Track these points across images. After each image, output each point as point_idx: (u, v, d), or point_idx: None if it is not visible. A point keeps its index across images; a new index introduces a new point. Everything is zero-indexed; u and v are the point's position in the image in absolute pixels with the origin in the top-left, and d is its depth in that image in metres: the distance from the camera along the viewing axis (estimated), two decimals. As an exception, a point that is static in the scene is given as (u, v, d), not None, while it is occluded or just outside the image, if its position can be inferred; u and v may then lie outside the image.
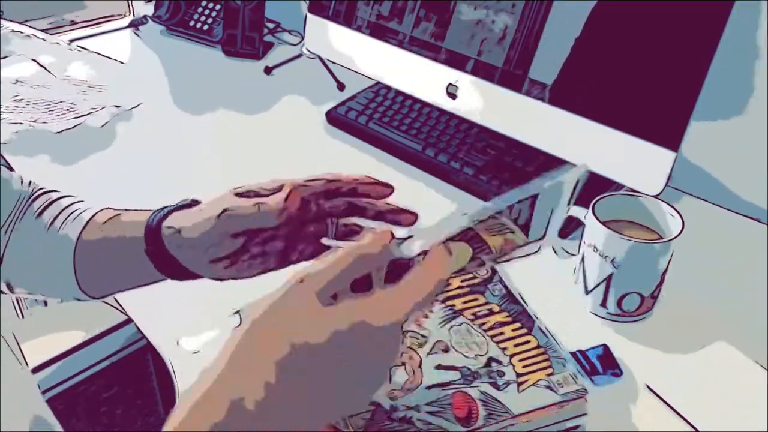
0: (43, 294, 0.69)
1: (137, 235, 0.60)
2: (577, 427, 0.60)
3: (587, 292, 0.75)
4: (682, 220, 0.71)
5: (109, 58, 1.31)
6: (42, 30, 1.37)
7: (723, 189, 0.93)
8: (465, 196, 0.93)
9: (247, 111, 1.16)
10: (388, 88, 1.11)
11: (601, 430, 0.62)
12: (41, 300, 0.80)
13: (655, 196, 0.76)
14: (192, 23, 1.40)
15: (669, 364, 0.70)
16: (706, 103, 0.75)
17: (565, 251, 0.79)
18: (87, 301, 0.67)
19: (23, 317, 0.79)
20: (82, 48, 1.33)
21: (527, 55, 0.89)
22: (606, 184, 0.86)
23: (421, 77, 1.01)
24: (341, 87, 1.21)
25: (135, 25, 1.45)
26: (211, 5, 1.40)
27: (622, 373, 0.68)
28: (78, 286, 0.64)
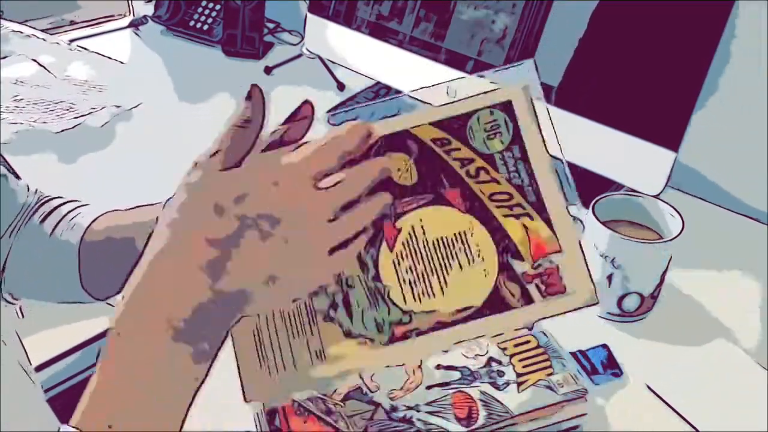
0: (47, 299, 0.70)
1: (145, 235, 0.60)
2: (577, 427, 0.60)
3: (587, 292, 0.75)
4: (682, 220, 0.71)
5: (109, 58, 1.31)
6: (42, 30, 1.37)
7: (723, 189, 0.93)
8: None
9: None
10: (388, 88, 1.11)
11: (601, 430, 0.62)
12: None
13: (655, 196, 0.76)
14: (192, 23, 1.39)
15: (669, 364, 0.70)
16: (706, 104, 0.75)
17: (565, 251, 0.79)
18: (90, 303, 0.67)
19: (23, 317, 0.79)
20: (82, 48, 1.33)
21: (527, 55, 0.89)
22: (606, 184, 0.86)
23: (421, 77, 1.01)
24: (341, 87, 1.21)
25: (135, 25, 1.45)
26: (211, 5, 1.40)
27: (622, 373, 0.68)
28: (83, 288, 0.64)
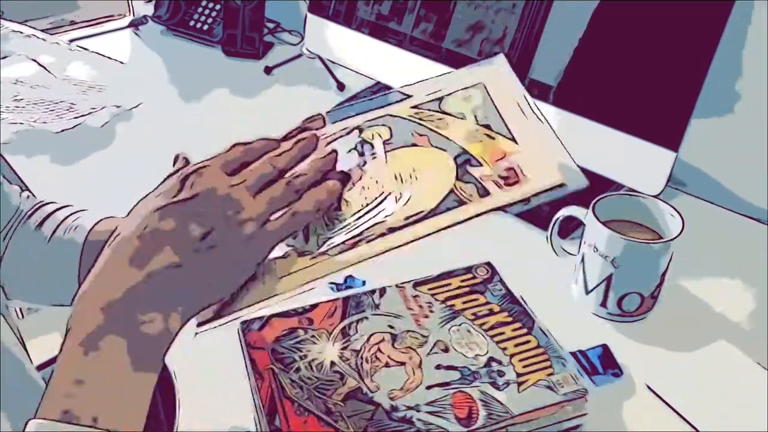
0: (43, 302, 0.70)
1: None
2: (577, 427, 0.60)
3: (587, 292, 0.75)
4: (682, 220, 0.71)
5: (109, 58, 1.31)
6: (42, 30, 1.37)
7: (723, 189, 0.93)
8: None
9: (247, 111, 1.16)
10: (388, 88, 1.10)
11: (601, 430, 0.62)
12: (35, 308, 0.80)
13: (655, 196, 0.76)
14: (192, 23, 1.39)
15: (669, 364, 0.70)
16: (706, 103, 0.75)
17: (565, 251, 0.79)
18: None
19: (23, 317, 0.79)
20: (82, 48, 1.33)
21: (527, 55, 0.89)
22: (606, 184, 0.86)
23: (421, 77, 1.01)
24: (341, 87, 1.21)
25: (135, 25, 1.45)
26: (211, 5, 1.40)
27: (622, 373, 0.68)
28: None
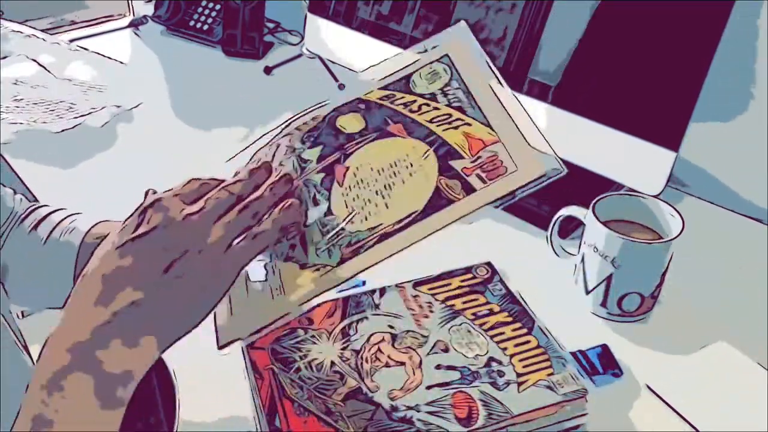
0: (38, 305, 0.69)
1: None
2: (577, 427, 0.60)
3: (587, 292, 0.75)
4: (682, 220, 0.71)
5: (109, 58, 1.31)
6: (42, 30, 1.37)
7: (723, 189, 0.93)
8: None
9: (247, 111, 1.16)
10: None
11: (601, 430, 0.62)
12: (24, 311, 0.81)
13: (655, 196, 0.76)
14: (192, 23, 1.39)
15: (669, 364, 0.70)
16: (706, 103, 0.75)
17: (565, 251, 0.79)
18: None
19: (23, 317, 0.79)
20: (82, 48, 1.33)
21: (527, 55, 0.89)
22: (606, 184, 0.86)
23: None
24: (341, 87, 1.21)
25: (135, 25, 1.45)
26: (211, 5, 1.40)
27: (622, 373, 0.68)
28: None
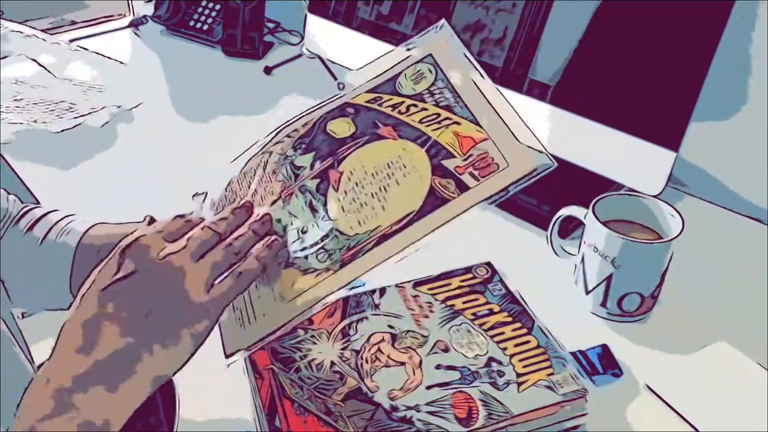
0: (32, 306, 0.69)
1: None
2: (577, 427, 0.60)
3: (587, 292, 0.75)
4: (682, 220, 0.71)
5: (109, 58, 1.31)
6: (42, 30, 1.37)
7: (723, 189, 0.93)
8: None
9: (247, 111, 1.16)
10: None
11: (601, 430, 0.62)
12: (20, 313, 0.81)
13: (655, 196, 0.76)
14: (192, 23, 1.39)
15: (669, 364, 0.70)
16: (706, 103, 0.75)
17: (565, 251, 0.79)
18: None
19: (23, 317, 0.79)
20: (82, 48, 1.33)
21: (527, 55, 0.89)
22: (606, 184, 0.86)
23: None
24: (341, 87, 1.21)
25: (135, 25, 1.45)
26: (211, 5, 1.40)
27: (622, 373, 0.68)
28: (71, 294, 0.64)
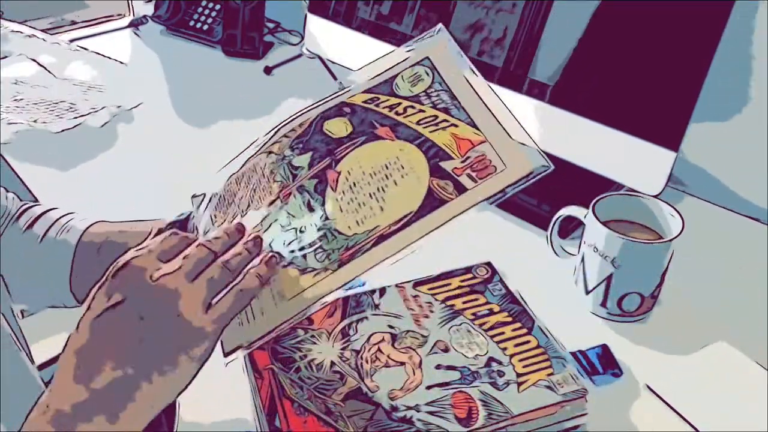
0: (30, 304, 0.70)
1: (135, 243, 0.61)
2: (577, 427, 0.60)
3: (587, 292, 0.75)
4: (682, 220, 0.71)
5: (109, 58, 1.31)
6: (42, 30, 1.37)
7: (723, 189, 0.93)
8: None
9: (247, 111, 1.16)
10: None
11: (601, 430, 0.62)
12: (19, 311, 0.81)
13: (655, 196, 0.76)
14: (192, 23, 1.39)
15: (669, 364, 0.70)
16: (706, 103, 0.75)
17: (565, 251, 0.79)
18: (75, 308, 0.67)
19: (23, 317, 0.79)
20: (82, 48, 1.33)
21: (527, 55, 0.89)
22: (606, 184, 0.86)
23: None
24: (341, 87, 1.21)
25: (135, 25, 1.45)
26: (211, 5, 1.40)
27: (622, 373, 0.68)
28: (71, 291, 0.64)
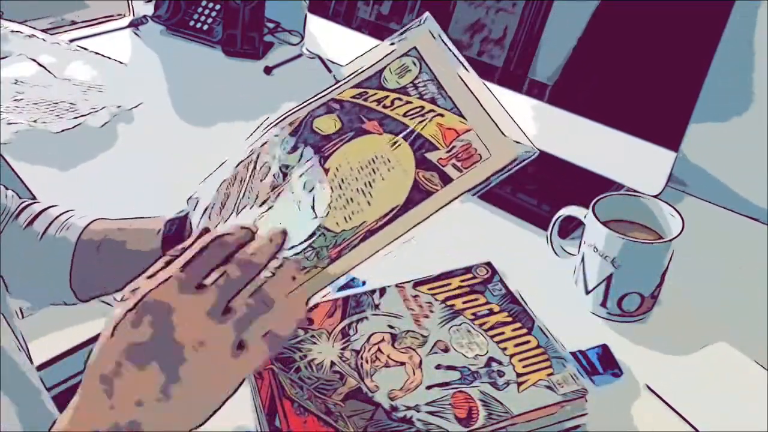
0: (29, 300, 0.70)
1: (150, 242, 0.61)
2: (577, 427, 0.60)
3: (587, 292, 0.75)
4: (682, 220, 0.71)
5: (109, 58, 1.31)
6: (42, 30, 1.37)
7: (723, 189, 0.93)
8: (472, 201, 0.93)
9: (247, 111, 1.16)
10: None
11: (601, 430, 0.62)
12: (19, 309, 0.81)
13: (655, 196, 0.76)
14: (192, 23, 1.39)
15: (669, 364, 0.70)
16: (706, 103, 0.75)
17: (565, 251, 0.79)
18: (74, 305, 0.67)
19: (23, 317, 0.79)
20: (82, 48, 1.33)
21: (527, 55, 0.89)
22: (606, 184, 0.86)
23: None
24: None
25: (135, 25, 1.45)
26: (211, 5, 1.40)
27: (622, 373, 0.68)
28: (71, 289, 0.64)
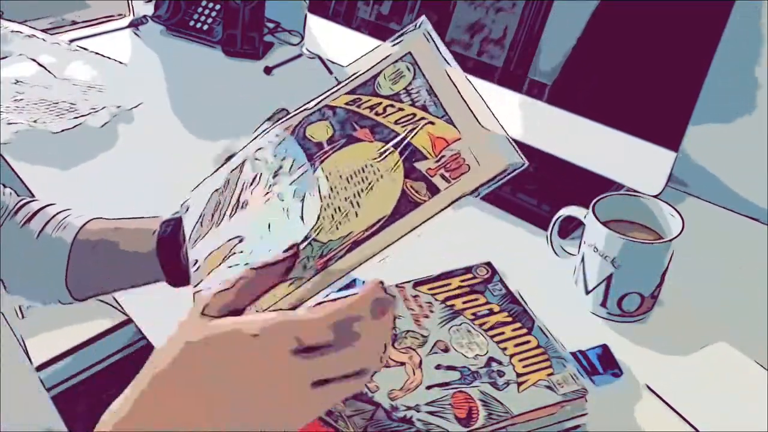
0: (27, 297, 0.70)
1: (145, 243, 0.61)
2: (577, 427, 0.60)
3: (587, 292, 0.75)
4: (682, 220, 0.71)
5: (109, 58, 1.31)
6: (42, 30, 1.37)
7: (723, 189, 0.93)
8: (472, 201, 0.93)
9: (247, 111, 1.16)
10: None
11: (601, 430, 0.62)
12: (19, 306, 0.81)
13: (655, 196, 0.76)
14: (192, 23, 1.39)
15: (669, 364, 0.70)
16: (706, 103, 0.75)
17: (565, 251, 0.79)
18: (70, 304, 0.67)
19: (23, 317, 0.79)
20: (82, 48, 1.33)
21: (527, 54, 0.89)
22: (606, 184, 0.86)
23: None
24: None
25: (135, 25, 1.45)
26: (211, 5, 1.40)
27: (622, 373, 0.68)
28: (66, 288, 0.65)
